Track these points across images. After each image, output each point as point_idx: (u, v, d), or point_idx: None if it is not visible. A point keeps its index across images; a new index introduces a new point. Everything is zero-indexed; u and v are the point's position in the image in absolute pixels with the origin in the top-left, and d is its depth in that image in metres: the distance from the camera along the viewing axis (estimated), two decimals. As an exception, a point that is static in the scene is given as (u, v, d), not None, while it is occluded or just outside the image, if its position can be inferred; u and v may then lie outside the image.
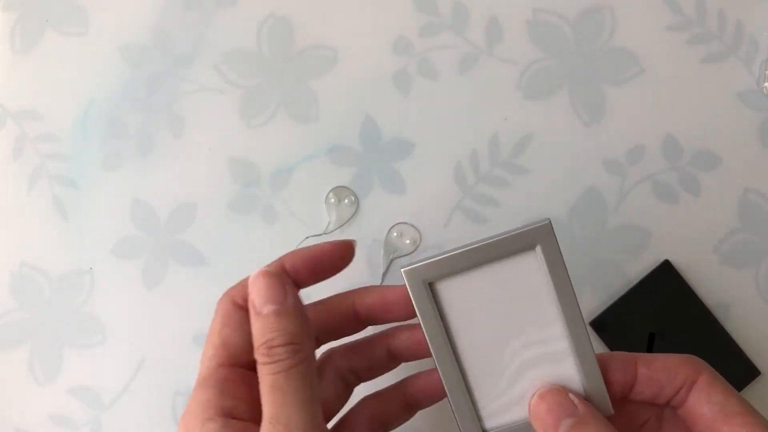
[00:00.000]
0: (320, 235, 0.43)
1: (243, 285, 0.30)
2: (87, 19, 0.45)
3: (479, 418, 0.30)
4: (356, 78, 0.44)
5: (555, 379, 0.29)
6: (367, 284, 0.42)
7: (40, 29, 0.45)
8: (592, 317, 0.42)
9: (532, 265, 0.28)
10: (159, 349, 0.43)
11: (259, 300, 0.28)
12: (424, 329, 0.29)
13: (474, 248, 0.28)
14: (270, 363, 0.27)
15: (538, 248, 0.28)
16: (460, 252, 0.28)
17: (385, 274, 0.43)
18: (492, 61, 0.44)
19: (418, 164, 0.44)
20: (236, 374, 0.29)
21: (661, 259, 0.42)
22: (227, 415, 0.28)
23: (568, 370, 0.29)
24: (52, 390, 0.43)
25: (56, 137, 0.45)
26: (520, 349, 0.29)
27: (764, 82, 0.43)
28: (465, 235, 0.43)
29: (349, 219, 0.43)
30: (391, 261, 0.43)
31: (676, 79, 0.44)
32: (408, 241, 0.43)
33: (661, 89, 0.44)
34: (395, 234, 0.43)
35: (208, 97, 0.45)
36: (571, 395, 0.28)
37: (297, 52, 0.45)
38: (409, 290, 0.28)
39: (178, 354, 0.43)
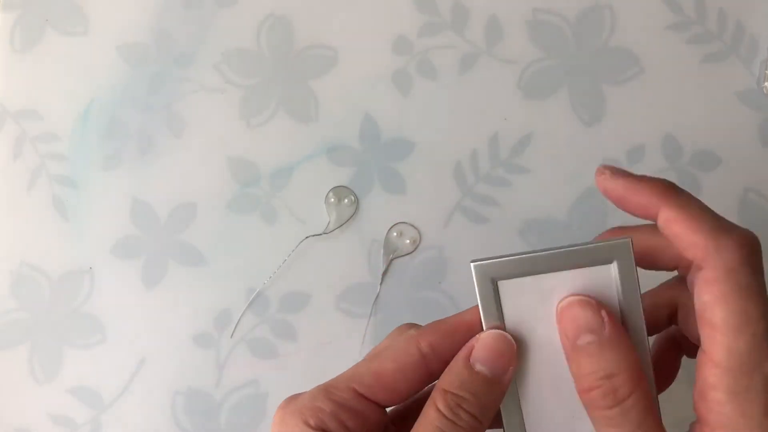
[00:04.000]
0: (320, 234, 0.43)
1: (434, 331, 0.27)
2: (87, 19, 0.45)
3: None
4: (356, 78, 0.44)
5: None
6: (366, 283, 0.42)
7: (40, 29, 0.45)
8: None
9: (604, 281, 0.27)
10: (159, 349, 0.43)
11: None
12: (484, 325, 0.27)
13: (549, 254, 0.27)
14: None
15: (614, 264, 0.27)
16: (533, 256, 0.27)
17: (384, 273, 0.43)
18: (492, 61, 0.44)
19: (418, 164, 0.44)
20: (368, 412, 0.27)
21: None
22: None
23: None
24: (52, 390, 0.43)
25: (56, 137, 0.45)
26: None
27: (764, 82, 0.43)
28: (465, 234, 0.43)
29: (349, 219, 0.43)
30: (391, 261, 0.43)
31: (675, 79, 0.44)
32: (408, 241, 0.43)
33: (661, 89, 0.44)
34: (395, 234, 0.43)
35: (208, 97, 0.45)
36: (603, 312, 0.26)
37: (297, 52, 0.45)
38: (476, 286, 0.27)
39: (178, 354, 0.43)
